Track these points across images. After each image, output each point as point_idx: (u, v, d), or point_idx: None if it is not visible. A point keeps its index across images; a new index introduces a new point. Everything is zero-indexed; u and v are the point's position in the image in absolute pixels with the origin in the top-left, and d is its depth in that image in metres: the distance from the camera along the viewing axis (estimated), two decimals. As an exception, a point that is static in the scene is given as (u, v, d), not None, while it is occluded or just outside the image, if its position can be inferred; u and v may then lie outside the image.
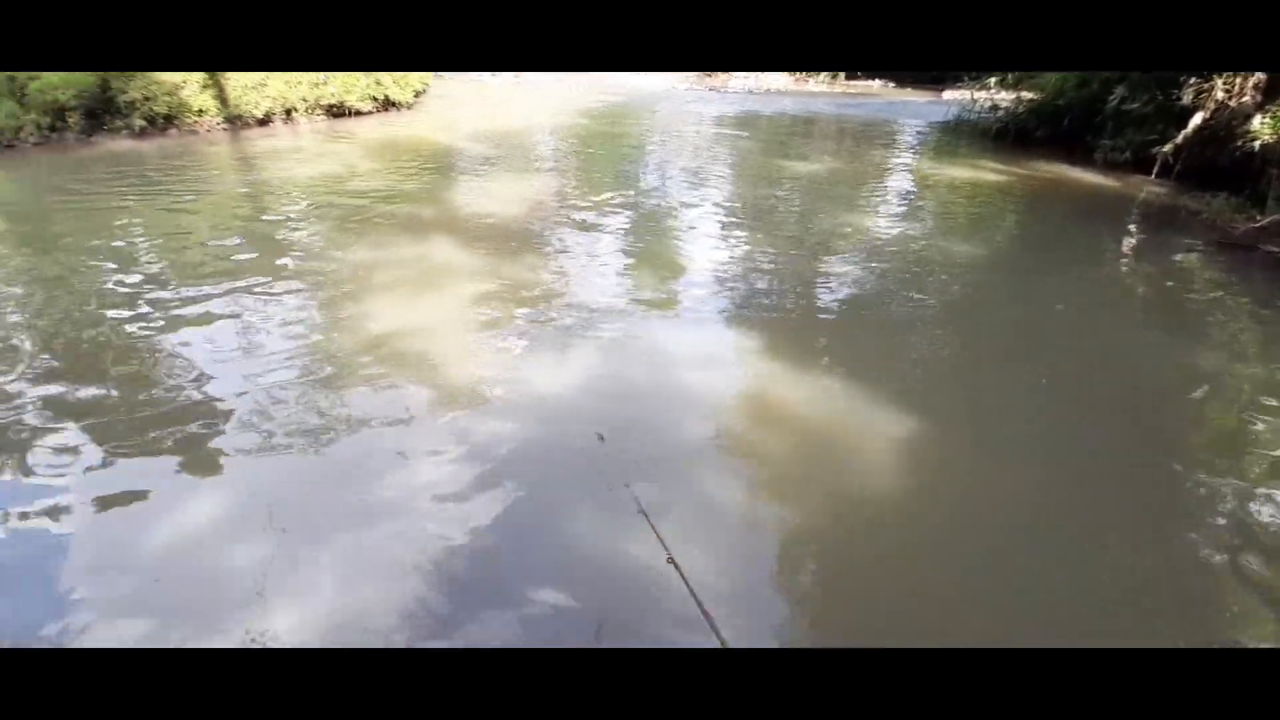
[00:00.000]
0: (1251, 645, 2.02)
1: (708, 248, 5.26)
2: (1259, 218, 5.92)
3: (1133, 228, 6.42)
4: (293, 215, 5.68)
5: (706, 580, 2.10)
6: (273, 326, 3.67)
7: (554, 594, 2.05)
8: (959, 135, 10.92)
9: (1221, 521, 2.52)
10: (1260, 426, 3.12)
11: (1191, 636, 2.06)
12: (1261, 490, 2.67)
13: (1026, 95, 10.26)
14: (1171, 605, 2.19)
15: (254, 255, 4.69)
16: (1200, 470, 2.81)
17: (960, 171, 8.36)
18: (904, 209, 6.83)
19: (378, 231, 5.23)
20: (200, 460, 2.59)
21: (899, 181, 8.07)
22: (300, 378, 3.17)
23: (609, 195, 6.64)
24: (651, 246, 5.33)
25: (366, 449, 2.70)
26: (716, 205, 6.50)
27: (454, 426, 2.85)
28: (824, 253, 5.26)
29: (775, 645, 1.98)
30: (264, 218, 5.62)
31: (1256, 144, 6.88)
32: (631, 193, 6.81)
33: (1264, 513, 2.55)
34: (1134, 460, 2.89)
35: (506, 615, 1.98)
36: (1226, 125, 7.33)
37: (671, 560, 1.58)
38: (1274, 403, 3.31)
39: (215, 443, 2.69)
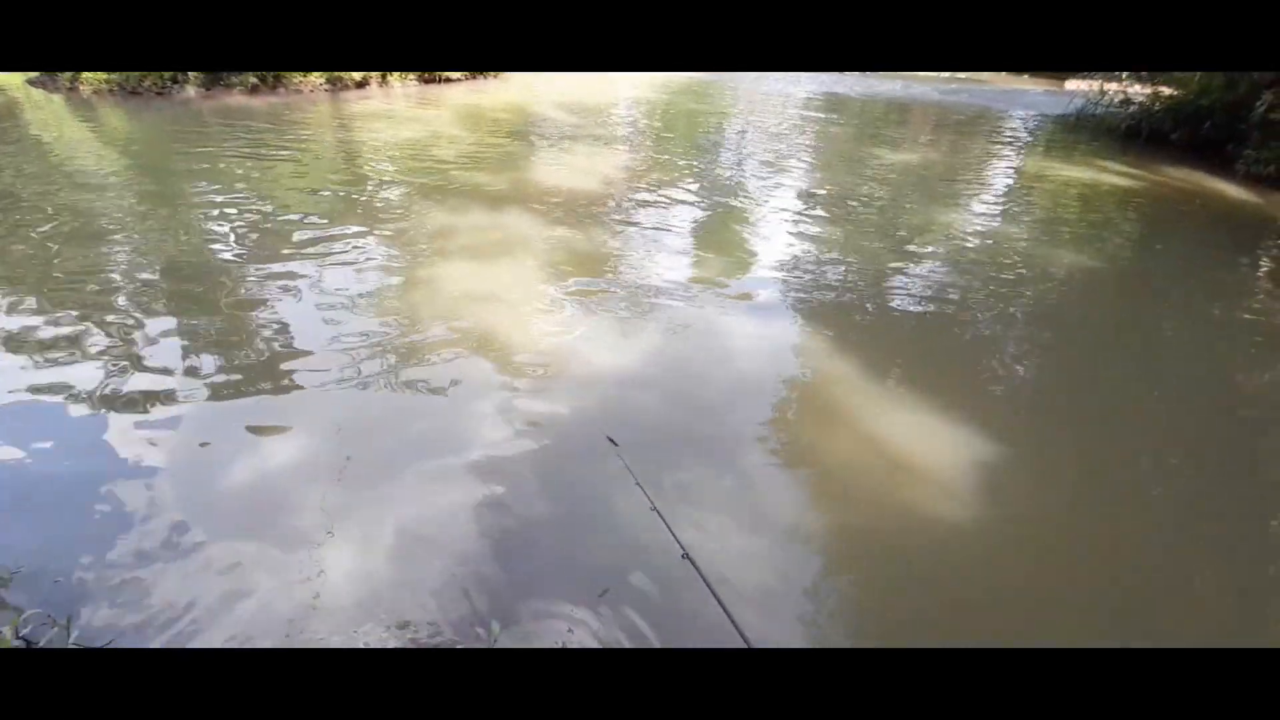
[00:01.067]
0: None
1: (781, 237, 5.07)
2: None
3: (1269, 254, 5.64)
4: (379, 177, 5.94)
5: (741, 582, 2.05)
6: (355, 279, 3.87)
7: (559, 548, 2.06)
8: (1080, 131, 9.93)
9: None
10: None
11: None
12: None
13: (1165, 91, 9.17)
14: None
15: (341, 212, 4.94)
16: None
17: (1076, 171, 7.61)
18: (1004, 209, 6.30)
19: (456, 197, 5.38)
20: (279, 391, 2.78)
21: (1001, 178, 7.44)
22: (376, 329, 3.32)
23: (683, 175, 6.51)
24: (722, 232, 5.19)
25: (428, 400, 2.82)
26: (794, 192, 6.24)
27: (509, 388, 2.92)
28: (906, 251, 4.94)
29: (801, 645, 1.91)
30: (354, 177, 5.90)
31: None
32: (706, 175, 6.65)
33: None
34: (1231, 528, 2.56)
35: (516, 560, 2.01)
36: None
37: (686, 556, 1.55)
38: None
39: (295, 378, 2.88)
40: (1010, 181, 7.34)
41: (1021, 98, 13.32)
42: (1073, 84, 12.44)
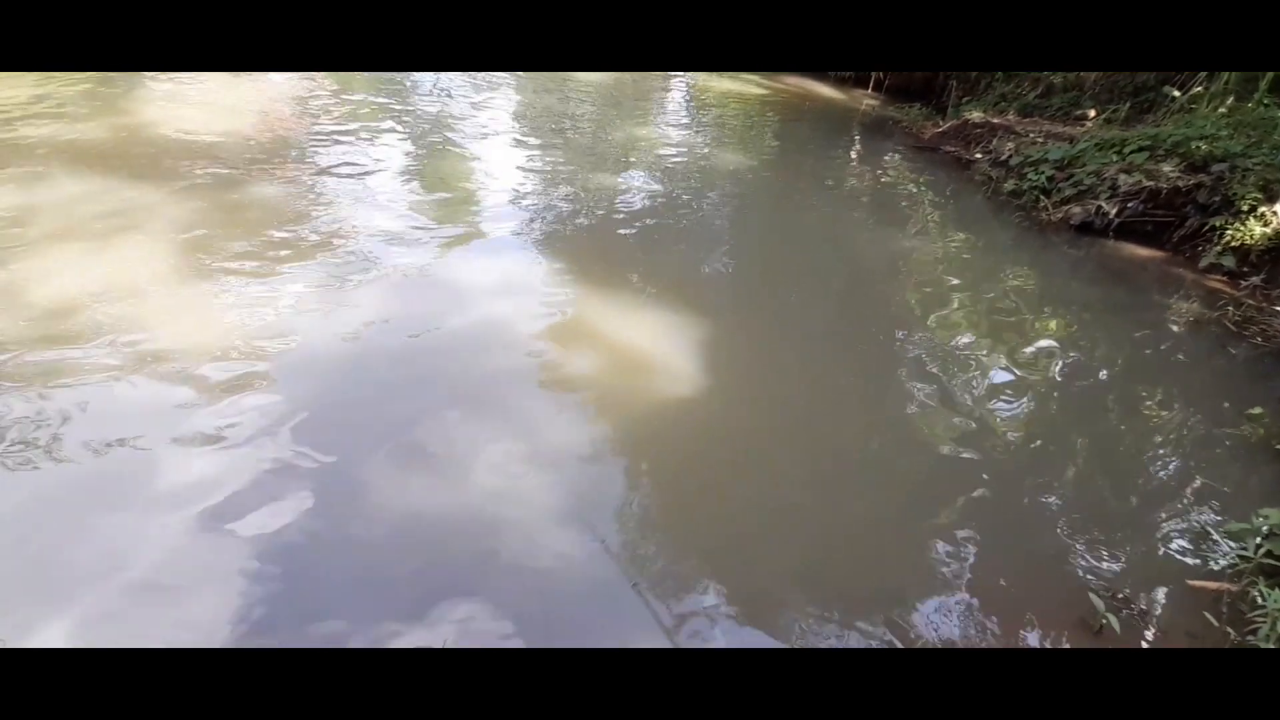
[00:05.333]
0: (1237, 645, 2.17)
1: (500, 166, 5.21)
2: (941, 124, 7.73)
3: (856, 135, 7.89)
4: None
5: (546, 504, 2.40)
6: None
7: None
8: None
9: (914, 366, 3.59)
10: (947, 292, 4.38)
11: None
12: (945, 340, 3.83)
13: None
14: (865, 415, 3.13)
15: None
16: (902, 327, 3.90)
17: (728, 84, 9.22)
18: (685, 120, 7.42)
19: (26, 161, 4.03)
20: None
21: (678, 92, 8.63)
22: None
23: (372, 102, 6.00)
24: (434, 163, 5.08)
25: (97, 459, 2.23)
26: (505, 117, 6.33)
27: (193, 405, 2.46)
28: (617, 168, 5.58)
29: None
30: None
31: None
32: (401, 100, 6.24)
33: (949, 354, 3.70)
34: (855, 326, 3.89)
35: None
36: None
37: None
38: (952, 276, 4.64)
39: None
40: (685, 95, 8.57)
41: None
42: None
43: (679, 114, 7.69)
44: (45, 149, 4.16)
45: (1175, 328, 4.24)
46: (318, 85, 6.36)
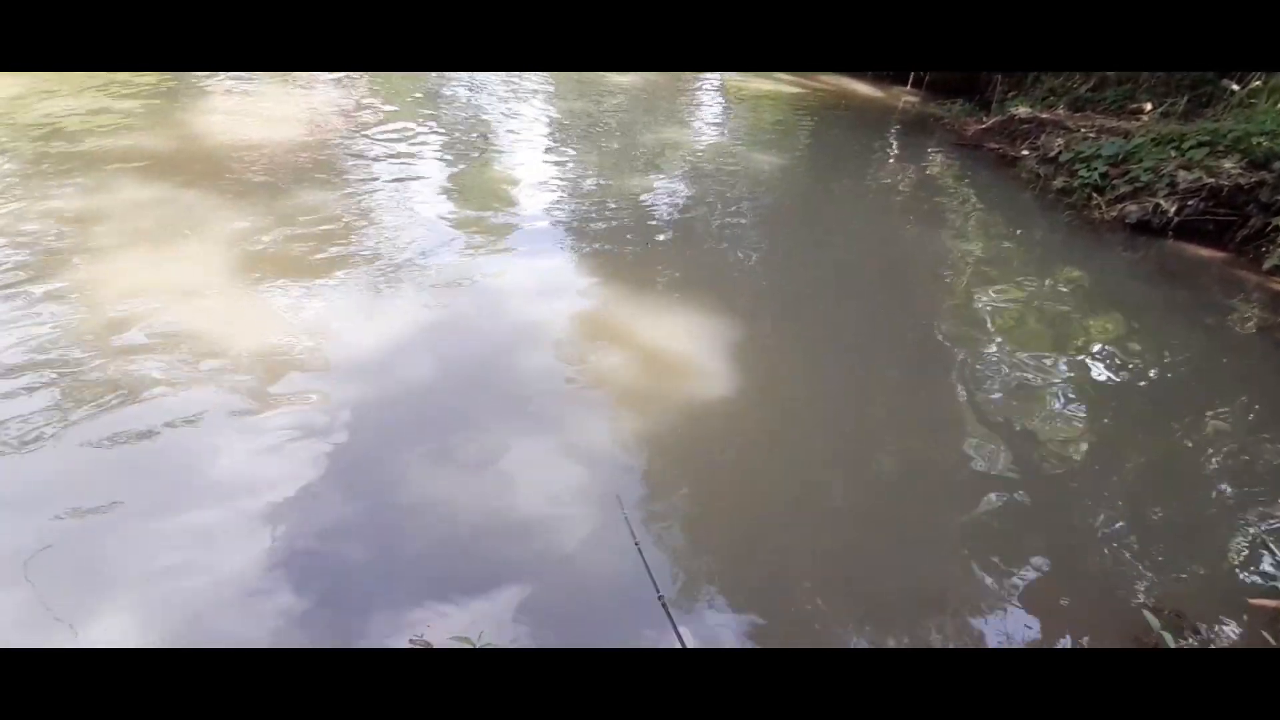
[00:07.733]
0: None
1: (536, 171, 5.35)
2: (985, 120, 7.60)
3: (895, 133, 7.81)
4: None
5: (585, 508, 2.48)
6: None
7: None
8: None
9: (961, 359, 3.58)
10: (986, 293, 4.34)
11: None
12: (988, 337, 3.81)
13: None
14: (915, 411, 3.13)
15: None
16: (945, 331, 3.88)
17: (761, 84, 9.23)
18: (717, 122, 7.47)
19: (91, 171, 4.27)
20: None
21: (710, 93, 8.68)
22: (38, 379, 2.59)
23: (412, 112, 6.21)
24: (471, 170, 5.24)
25: (164, 453, 2.41)
26: (540, 123, 6.48)
27: (258, 403, 2.61)
28: (650, 170, 5.66)
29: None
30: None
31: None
32: (439, 109, 6.45)
33: (989, 352, 3.67)
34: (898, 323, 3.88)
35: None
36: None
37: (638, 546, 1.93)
38: (998, 277, 4.59)
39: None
40: (717, 95, 8.62)
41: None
42: None
43: (712, 115, 7.74)
44: (108, 158, 4.45)
45: (1238, 332, 4.11)
46: (362, 96, 6.62)
